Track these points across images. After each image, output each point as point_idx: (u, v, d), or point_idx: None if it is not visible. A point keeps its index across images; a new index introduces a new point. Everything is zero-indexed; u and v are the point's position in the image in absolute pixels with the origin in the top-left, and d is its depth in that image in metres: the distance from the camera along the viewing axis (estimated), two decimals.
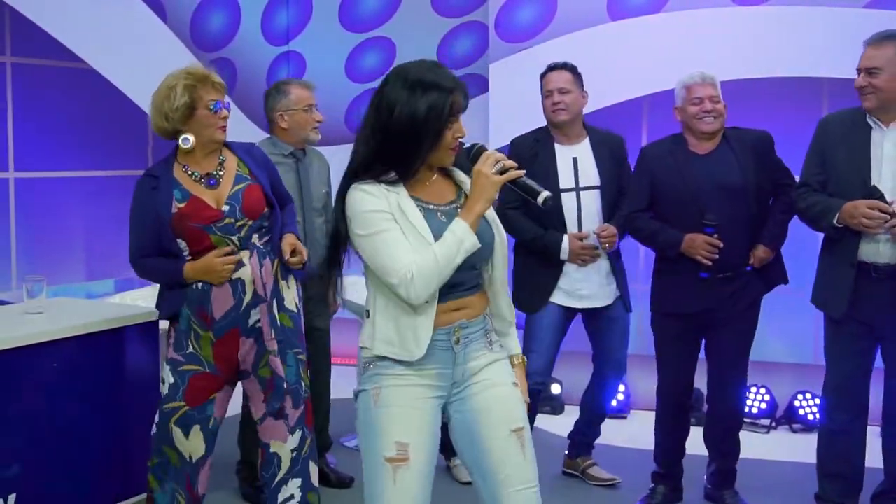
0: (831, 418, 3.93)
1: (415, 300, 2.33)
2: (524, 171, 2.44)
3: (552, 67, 4.24)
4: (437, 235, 2.36)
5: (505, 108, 5.70)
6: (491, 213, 2.51)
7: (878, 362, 3.86)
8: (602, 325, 4.32)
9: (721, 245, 3.82)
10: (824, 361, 3.95)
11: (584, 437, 4.55)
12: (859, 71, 3.68)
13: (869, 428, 3.92)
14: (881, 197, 3.53)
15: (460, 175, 2.56)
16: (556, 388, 5.68)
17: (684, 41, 5.54)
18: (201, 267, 3.26)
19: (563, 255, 4.14)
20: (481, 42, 6.18)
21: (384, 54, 6.43)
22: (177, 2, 5.81)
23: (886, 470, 3.96)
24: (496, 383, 2.51)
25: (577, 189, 4.19)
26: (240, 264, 3.32)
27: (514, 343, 2.65)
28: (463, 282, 2.47)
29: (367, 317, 2.47)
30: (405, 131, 2.36)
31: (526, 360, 2.68)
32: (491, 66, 5.92)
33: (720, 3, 5.57)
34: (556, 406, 5.61)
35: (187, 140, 3.29)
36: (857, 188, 3.62)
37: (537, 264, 4.23)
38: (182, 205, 3.27)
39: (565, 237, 4.13)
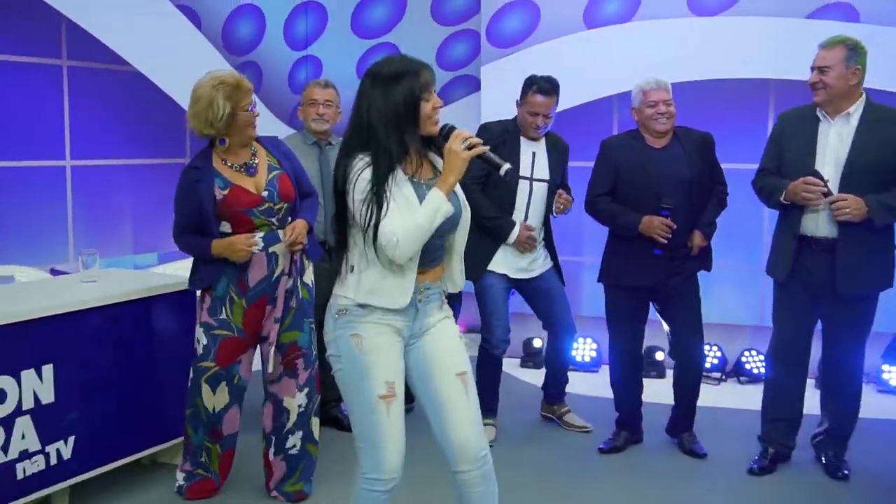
0: (776, 371, 3.97)
1: (399, 259, 2.38)
2: (489, 147, 2.47)
3: (544, 91, 4.14)
4: None
5: (494, 105, 5.67)
6: (459, 190, 2.54)
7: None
8: (541, 295, 4.34)
9: (675, 226, 3.86)
10: (771, 323, 3.98)
11: (554, 387, 4.58)
12: (812, 69, 3.69)
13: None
14: (820, 177, 3.58)
15: (436, 158, 2.58)
16: (537, 343, 5.72)
17: (650, 46, 5.54)
18: (226, 244, 3.29)
19: (511, 239, 4.16)
20: (474, 47, 6.16)
21: None
22: (210, 12, 5.79)
23: (823, 416, 4.01)
24: (445, 336, 2.60)
25: (532, 179, 4.21)
26: (274, 239, 3.36)
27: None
28: (434, 249, 2.52)
29: (351, 271, 2.49)
30: (391, 120, 2.41)
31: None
32: (482, 69, 5.92)
33: (680, 14, 5.56)
34: (538, 361, 5.60)
35: (223, 141, 3.34)
36: (803, 172, 3.65)
37: (479, 238, 4.02)
38: (225, 192, 3.31)
39: (517, 225, 4.15)
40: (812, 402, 4.00)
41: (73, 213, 4.96)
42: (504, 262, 4.22)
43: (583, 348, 5.66)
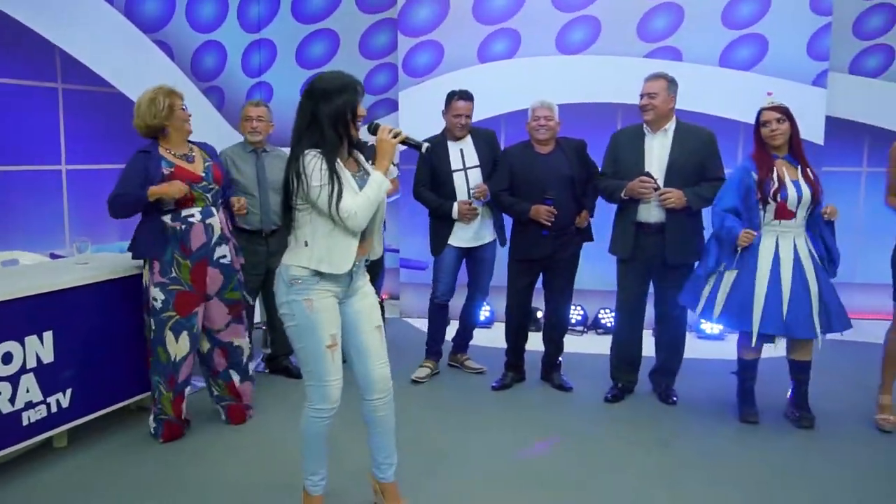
0: (621, 325, 4.05)
1: (357, 228, 2.43)
2: (407, 134, 2.50)
3: (463, 97, 4.20)
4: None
5: (410, 121, 5.65)
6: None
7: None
8: (476, 262, 4.33)
9: (556, 213, 3.91)
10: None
11: (461, 340, 4.58)
12: (642, 95, 3.78)
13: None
14: (651, 177, 3.70)
15: (359, 156, 2.60)
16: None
17: (528, 77, 5.58)
18: (165, 185, 3.23)
19: (455, 215, 4.16)
20: (393, 77, 6.09)
21: None
22: (181, 46, 5.58)
23: (657, 356, 4.10)
24: (367, 297, 2.63)
25: (465, 169, 4.19)
26: (209, 213, 3.37)
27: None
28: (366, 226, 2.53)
29: (306, 245, 2.47)
30: (335, 122, 2.43)
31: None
32: (400, 93, 5.85)
33: (551, 53, 5.61)
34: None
35: (166, 130, 3.35)
36: (637, 173, 3.75)
37: (438, 223, 4.25)
38: (171, 169, 3.29)
39: (455, 203, 4.15)
40: (648, 348, 4.09)
41: (69, 208, 4.79)
42: (456, 237, 4.23)
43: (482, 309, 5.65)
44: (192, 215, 3.33)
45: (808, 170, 3.52)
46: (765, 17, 5.37)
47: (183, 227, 3.31)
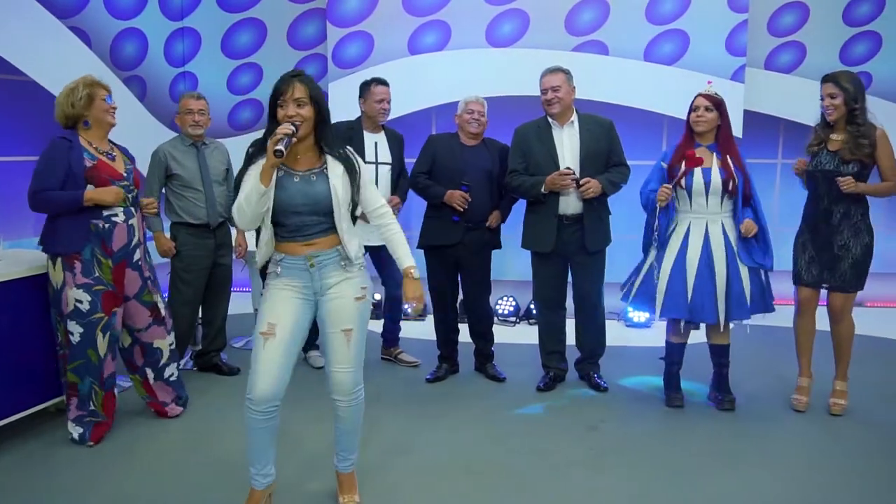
0: (544, 316, 4.10)
1: (240, 227, 2.48)
2: (281, 137, 2.36)
3: (381, 82, 4.19)
4: (284, 190, 2.45)
5: (340, 113, 5.51)
6: (338, 181, 2.50)
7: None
8: (385, 259, 4.23)
9: (470, 199, 3.96)
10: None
11: (391, 334, 4.57)
12: (545, 90, 3.84)
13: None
14: (570, 170, 3.77)
15: (329, 151, 2.55)
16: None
17: (458, 70, 5.59)
18: (101, 190, 3.13)
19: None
20: (322, 67, 6.01)
21: (254, 75, 6.19)
22: (99, 33, 5.37)
23: (578, 345, 4.17)
24: (340, 296, 2.53)
25: (377, 163, 4.16)
26: (131, 214, 3.28)
27: (406, 260, 2.62)
28: (303, 226, 2.50)
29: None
30: (267, 121, 2.50)
31: (414, 268, 2.62)
32: (330, 85, 5.77)
33: (481, 46, 5.64)
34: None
35: (87, 122, 3.23)
36: (551, 168, 3.81)
37: None
38: (94, 162, 3.17)
39: None
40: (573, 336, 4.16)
41: None
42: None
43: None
44: (116, 215, 3.22)
45: (728, 160, 3.62)
46: (686, 13, 5.53)
47: (107, 225, 3.20)
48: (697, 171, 3.55)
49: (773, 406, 3.80)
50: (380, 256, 4.30)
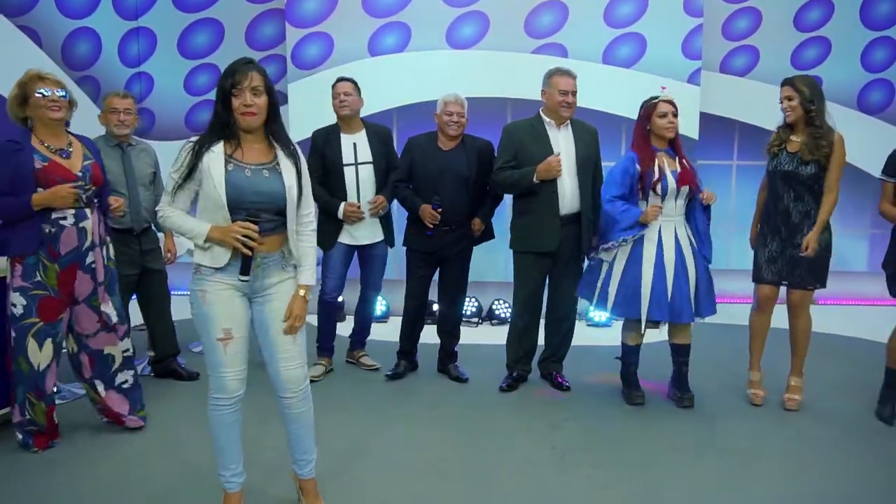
0: (522, 318, 4.07)
1: (162, 229, 2.55)
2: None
3: (340, 79, 4.17)
4: (236, 186, 2.37)
5: (299, 114, 5.56)
6: (288, 180, 2.43)
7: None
8: (367, 259, 4.29)
9: (440, 217, 3.95)
10: (511, 279, 4.07)
11: (358, 337, 4.54)
12: (566, 92, 3.80)
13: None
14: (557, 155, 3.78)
15: (279, 145, 2.49)
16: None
17: (418, 71, 5.60)
18: (49, 193, 3.01)
19: (340, 215, 4.09)
20: (282, 68, 5.96)
21: (212, 76, 6.11)
22: (50, 32, 5.25)
23: (546, 344, 4.20)
24: (282, 296, 2.50)
25: (356, 164, 4.11)
26: (83, 216, 3.13)
27: (303, 276, 2.52)
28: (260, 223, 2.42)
29: None
30: (216, 104, 2.41)
31: (308, 288, 2.53)
32: (289, 86, 5.73)
33: (441, 47, 5.66)
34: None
35: (29, 121, 3.14)
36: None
37: (327, 219, 4.13)
38: (45, 163, 3.05)
39: (342, 204, 4.08)
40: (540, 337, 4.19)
41: None
42: (347, 234, 4.15)
43: (378, 303, 5.62)
44: (65, 218, 3.08)
45: (684, 161, 3.71)
46: (643, 17, 5.63)
47: (53, 229, 3.06)
48: (669, 176, 3.62)
49: (730, 401, 3.88)
50: (364, 256, 4.28)
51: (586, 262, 3.93)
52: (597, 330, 5.43)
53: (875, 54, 6.14)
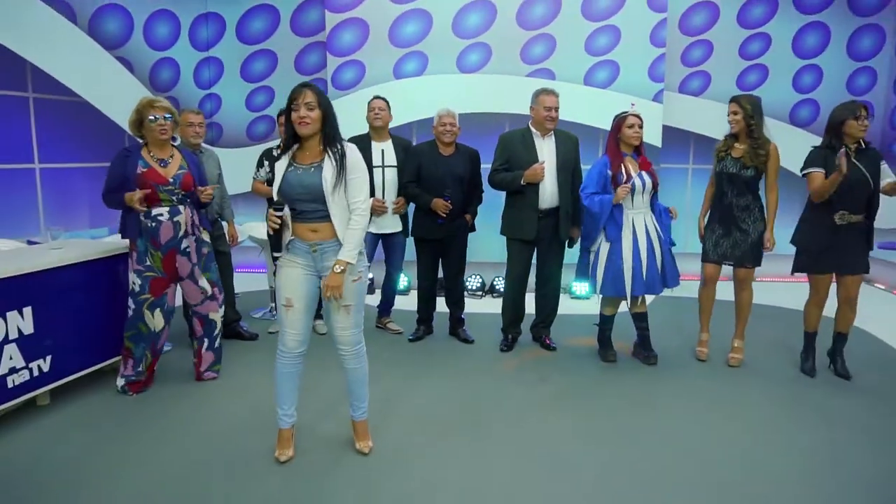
0: (512, 290, 4.07)
1: None
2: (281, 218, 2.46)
3: (376, 97, 4.15)
4: (289, 181, 2.42)
5: (341, 128, 5.54)
6: (329, 173, 2.41)
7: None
8: (389, 245, 4.29)
9: (452, 207, 3.94)
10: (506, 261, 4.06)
11: (385, 307, 4.55)
12: (551, 108, 3.77)
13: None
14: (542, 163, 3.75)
15: (327, 153, 2.47)
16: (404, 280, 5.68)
17: (434, 91, 5.56)
18: (127, 197, 3.10)
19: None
20: (324, 89, 5.92)
21: (268, 96, 6.10)
22: (139, 61, 5.26)
23: (536, 313, 4.18)
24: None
25: (383, 167, 4.11)
26: (177, 212, 3.20)
27: (342, 253, 2.42)
28: (305, 212, 2.45)
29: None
30: (286, 119, 2.45)
31: (345, 264, 2.41)
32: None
33: (453, 72, 5.62)
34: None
35: (143, 139, 3.20)
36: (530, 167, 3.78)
37: None
38: (146, 169, 3.13)
39: (371, 199, 4.08)
40: (529, 306, 4.20)
41: (42, 201, 4.46)
42: (373, 224, 4.13)
43: (401, 279, 5.63)
44: (161, 214, 3.17)
45: (648, 164, 3.69)
46: (616, 47, 5.57)
47: (153, 224, 3.17)
48: (636, 177, 3.60)
49: (686, 360, 3.89)
50: (387, 243, 4.28)
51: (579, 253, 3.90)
52: (578, 301, 5.43)
53: (804, 79, 6.08)
